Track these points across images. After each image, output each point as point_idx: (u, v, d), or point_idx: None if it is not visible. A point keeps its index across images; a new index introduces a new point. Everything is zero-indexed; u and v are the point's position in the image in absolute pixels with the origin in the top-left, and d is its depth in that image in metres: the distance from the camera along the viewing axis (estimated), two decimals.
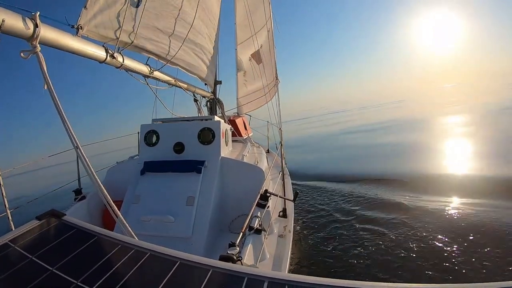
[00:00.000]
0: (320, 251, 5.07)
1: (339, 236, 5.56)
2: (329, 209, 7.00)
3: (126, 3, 3.26)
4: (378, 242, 5.13)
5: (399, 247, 4.88)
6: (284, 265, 2.75)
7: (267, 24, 8.33)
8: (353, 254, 4.84)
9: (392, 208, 6.64)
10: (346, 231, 5.71)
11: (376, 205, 7.05)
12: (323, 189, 8.84)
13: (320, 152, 16.94)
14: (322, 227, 6.05)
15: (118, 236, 1.63)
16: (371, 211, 6.62)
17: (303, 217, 6.66)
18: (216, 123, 4.30)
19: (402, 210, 6.42)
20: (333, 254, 4.91)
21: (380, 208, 6.78)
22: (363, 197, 7.62)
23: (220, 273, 1.30)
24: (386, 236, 5.32)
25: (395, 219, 6.01)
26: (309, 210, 7.12)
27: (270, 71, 8.51)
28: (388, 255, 4.71)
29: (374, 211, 6.60)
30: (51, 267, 1.35)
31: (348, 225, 5.98)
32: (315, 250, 5.14)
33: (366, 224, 5.94)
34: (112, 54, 3.12)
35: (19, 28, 1.96)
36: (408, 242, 5.02)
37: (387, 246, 4.96)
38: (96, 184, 2.06)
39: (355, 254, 4.84)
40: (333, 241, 5.35)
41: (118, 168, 4.54)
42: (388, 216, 6.19)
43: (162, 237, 3.23)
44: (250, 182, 3.89)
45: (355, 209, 6.88)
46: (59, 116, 2.02)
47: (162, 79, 4.60)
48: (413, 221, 5.79)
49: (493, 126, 17.53)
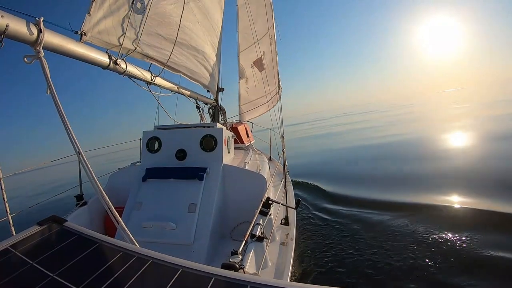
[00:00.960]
0: (323, 258, 5.01)
1: (342, 243, 5.49)
2: (332, 217, 6.93)
3: (130, 10, 3.30)
4: (385, 249, 5.06)
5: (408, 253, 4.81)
6: (286, 273, 2.72)
7: (270, 31, 8.38)
8: (357, 261, 4.78)
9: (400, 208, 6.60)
10: (350, 239, 5.65)
11: (386, 207, 6.95)
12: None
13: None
14: (325, 234, 5.99)
15: (119, 243, 1.62)
16: (377, 216, 6.53)
17: (306, 224, 6.60)
18: (219, 130, 4.30)
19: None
20: (335, 262, 4.85)
21: (389, 210, 6.70)
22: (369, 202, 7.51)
23: (222, 281, 1.28)
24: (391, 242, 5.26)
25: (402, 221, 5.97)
26: (311, 217, 7.05)
27: (272, 79, 8.55)
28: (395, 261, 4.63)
29: (381, 216, 6.50)
30: (52, 273, 1.34)
31: (353, 233, 5.91)
32: (317, 257, 5.08)
33: (371, 231, 5.87)
34: (115, 60, 3.13)
35: (23, 33, 1.97)
36: (430, 249, 4.88)
37: (394, 253, 4.88)
38: (98, 190, 2.04)
39: (359, 261, 4.78)
40: (336, 249, 5.30)
41: (120, 174, 4.54)
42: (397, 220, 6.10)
43: (164, 244, 3.21)
44: (252, 190, 3.88)
45: (360, 214, 6.80)
46: (62, 121, 2.02)
47: (164, 86, 4.62)
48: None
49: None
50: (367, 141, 18.81)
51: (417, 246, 4.95)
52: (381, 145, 16.61)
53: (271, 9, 8.21)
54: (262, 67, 8.76)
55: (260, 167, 4.74)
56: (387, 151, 14.66)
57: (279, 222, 3.85)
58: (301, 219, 6.72)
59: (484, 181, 7.87)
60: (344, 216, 6.79)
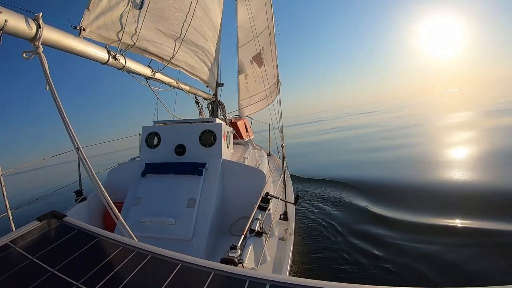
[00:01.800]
0: (322, 253, 5.04)
1: (341, 239, 5.52)
2: (332, 211, 6.96)
3: (129, 5, 3.28)
4: (387, 244, 5.07)
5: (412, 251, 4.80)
6: (285, 268, 2.74)
7: (269, 26, 8.35)
8: (356, 256, 4.81)
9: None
10: (349, 234, 5.66)
11: (389, 200, 6.93)
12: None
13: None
14: (324, 229, 6.01)
15: (119, 238, 1.62)
16: (380, 211, 6.52)
17: (305, 219, 6.63)
18: (218, 125, 4.30)
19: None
20: (335, 257, 4.87)
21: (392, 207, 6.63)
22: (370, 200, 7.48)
23: (221, 275, 1.29)
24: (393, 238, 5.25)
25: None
26: (311, 212, 7.07)
27: (271, 74, 8.53)
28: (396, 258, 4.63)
29: (387, 211, 6.46)
30: (52, 268, 1.34)
31: (353, 227, 5.93)
32: (316, 252, 5.11)
33: (373, 225, 5.88)
34: (114, 55, 3.13)
35: (21, 29, 1.97)
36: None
37: (395, 249, 4.87)
38: (97, 185, 2.05)
39: (358, 257, 4.80)
40: (334, 244, 5.32)
41: (119, 169, 4.54)
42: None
43: (163, 239, 3.23)
44: (251, 185, 3.89)
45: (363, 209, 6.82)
46: (60, 117, 2.02)
47: (164, 81, 4.61)
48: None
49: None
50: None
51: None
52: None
53: (270, 4, 8.18)
54: (261, 62, 8.74)
55: (259, 163, 4.74)
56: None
57: (278, 217, 3.87)
58: (300, 213, 6.73)
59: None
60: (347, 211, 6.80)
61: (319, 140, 24.38)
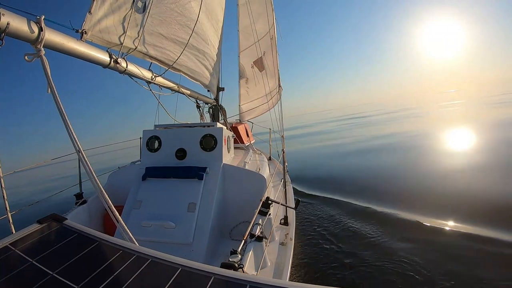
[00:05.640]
0: (322, 258, 5.01)
1: (342, 244, 5.49)
2: (333, 216, 6.92)
3: (131, 9, 3.29)
4: (387, 248, 5.06)
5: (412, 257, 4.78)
6: (285, 273, 2.72)
7: (270, 31, 8.38)
8: (356, 261, 4.78)
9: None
10: (350, 239, 5.64)
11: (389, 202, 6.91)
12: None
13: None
14: (324, 234, 5.98)
15: (119, 242, 1.62)
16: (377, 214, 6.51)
17: (305, 224, 6.60)
18: (219, 129, 4.30)
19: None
20: (336, 262, 4.84)
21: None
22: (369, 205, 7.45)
23: (221, 280, 1.28)
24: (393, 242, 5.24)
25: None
26: (311, 217, 7.04)
27: (272, 79, 8.55)
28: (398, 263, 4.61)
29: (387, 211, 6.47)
30: (52, 271, 1.34)
31: (353, 232, 5.91)
32: (317, 257, 5.08)
33: (372, 229, 5.87)
34: (115, 59, 3.14)
35: (23, 32, 1.97)
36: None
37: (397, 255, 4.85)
38: (98, 188, 2.04)
39: (358, 261, 4.78)
40: (336, 249, 5.30)
41: (119, 173, 4.54)
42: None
43: (163, 243, 3.21)
44: (252, 189, 3.88)
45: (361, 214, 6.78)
46: (62, 120, 2.02)
47: (165, 85, 4.62)
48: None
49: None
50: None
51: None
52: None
53: (271, 9, 8.21)
54: (263, 67, 8.76)
55: (260, 167, 4.74)
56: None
57: (279, 222, 3.85)
58: (300, 219, 6.71)
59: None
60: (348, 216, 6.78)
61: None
